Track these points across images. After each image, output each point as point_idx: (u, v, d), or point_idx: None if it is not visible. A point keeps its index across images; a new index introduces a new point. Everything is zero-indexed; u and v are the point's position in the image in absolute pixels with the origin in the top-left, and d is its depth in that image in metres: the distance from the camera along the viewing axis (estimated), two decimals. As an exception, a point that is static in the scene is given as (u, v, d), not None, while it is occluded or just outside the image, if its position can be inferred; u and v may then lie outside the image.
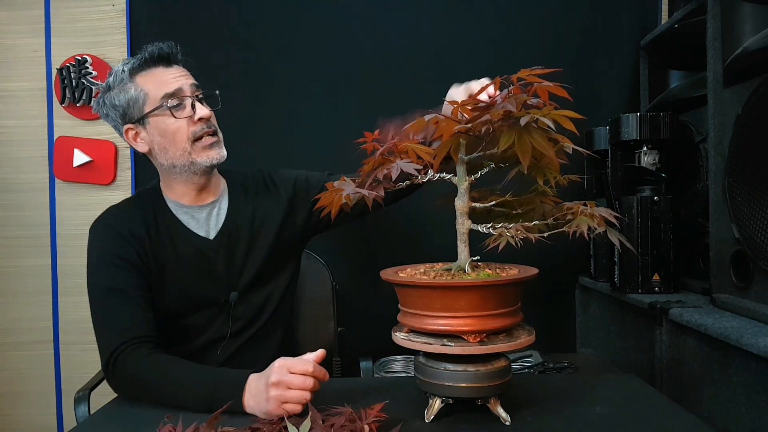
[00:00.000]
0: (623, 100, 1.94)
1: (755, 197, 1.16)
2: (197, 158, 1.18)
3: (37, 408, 2.05)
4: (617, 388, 1.03)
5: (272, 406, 0.89)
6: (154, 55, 1.17)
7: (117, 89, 1.17)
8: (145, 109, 1.17)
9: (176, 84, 1.17)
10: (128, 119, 1.19)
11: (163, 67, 1.18)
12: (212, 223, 1.25)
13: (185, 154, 1.18)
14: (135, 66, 1.17)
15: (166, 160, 1.20)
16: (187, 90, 1.18)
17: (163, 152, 1.19)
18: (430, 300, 0.82)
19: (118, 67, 1.19)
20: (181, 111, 1.17)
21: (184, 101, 1.17)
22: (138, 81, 1.17)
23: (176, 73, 1.19)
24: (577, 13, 1.95)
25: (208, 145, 1.19)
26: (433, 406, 0.87)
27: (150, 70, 1.17)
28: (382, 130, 0.93)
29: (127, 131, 1.20)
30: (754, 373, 1.02)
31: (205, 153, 1.19)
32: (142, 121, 1.18)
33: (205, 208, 1.25)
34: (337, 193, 0.85)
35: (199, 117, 1.17)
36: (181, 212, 1.23)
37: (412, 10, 1.97)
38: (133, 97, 1.17)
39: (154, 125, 1.18)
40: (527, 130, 0.74)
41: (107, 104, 1.19)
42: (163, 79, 1.17)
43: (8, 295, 2.04)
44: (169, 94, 1.16)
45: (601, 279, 1.77)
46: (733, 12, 1.26)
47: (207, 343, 1.21)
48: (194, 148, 1.18)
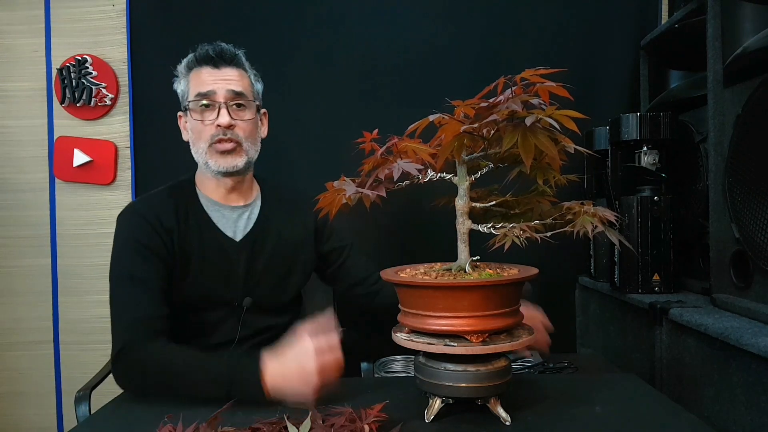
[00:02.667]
0: (623, 100, 1.95)
1: (755, 197, 1.16)
2: (209, 160, 1.22)
3: (37, 408, 2.05)
4: (617, 388, 1.03)
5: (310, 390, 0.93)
6: (205, 55, 1.22)
7: (179, 78, 1.27)
8: (186, 103, 1.24)
9: (210, 86, 1.20)
10: (182, 107, 1.28)
11: (211, 68, 1.22)
12: (241, 225, 1.28)
13: (203, 153, 1.22)
14: (190, 61, 1.24)
15: (195, 153, 1.25)
16: (220, 94, 1.21)
17: (193, 145, 1.25)
18: (432, 300, 0.82)
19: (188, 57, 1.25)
20: (208, 113, 1.21)
21: (214, 105, 1.21)
22: (190, 76, 1.24)
23: (219, 76, 1.22)
24: (577, 13, 1.95)
25: (220, 152, 1.21)
26: (433, 406, 0.87)
27: (199, 68, 1.22)
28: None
29: (180, 117, 1.30)
30: (754, 373, 1.03)
31: (215, 158, 1.21)
32: (186, 111, 1.25)
33: (236, 210, 1.28)
34: (337, 193, 0.84)
35: (217, 123, 1.20)
36: (212, 209, 1.26)
37: (413, 11, 1.97)
38: (183, 89, 1.26)
39: (190, 120, 1.24)
40: (531, 130, 0.74)
41: (173, 88, 1.29)
42: (202, 79, 1.21)
43: (8, 295, 2.04)
44: (201, 94, 1.20)
45: (601, 279, 1.77)
46: (733, 12, 1.26)
47: (215, 345, 1.22)
48: (209, 151, 1.22)
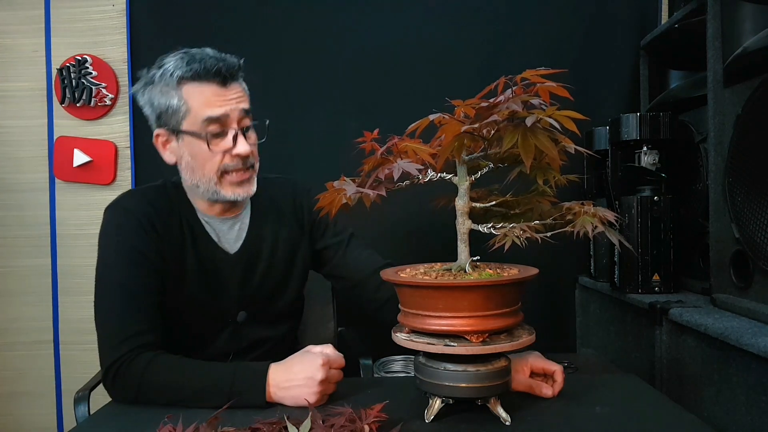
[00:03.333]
0: (623, 100, 1.95)
1: (755, 197, 1.16)
2: (221, 190, 1.10)
3: (37, 408, 2.05)
4: (617, 388, 1.03)
5: (316, 399, 0.94)
6: (210, 70, 1.04)
7: (159, 89, 1.07)
8: (182, 124, 1.07)
9: (223, 109, 1.06)
10: (162, 124, 1.09)
11: (217, 86, 1.06)
12: (232, 236, 1.19)
13: (211, 182, 1.10)
14: (186, 75, 1.04)
15: (191, 179, 1.12)
16: (234, 118, 1.07)
17: (190, 171, 1.11)
18: (432, 300, 0.82)
19: (169, 64, 1.06)
20: (220, 141, 1.07)
21: (226, 130, 1.07)
22: (184, 91, 1.05)
23: (228, 96, 1.07)
24: (577, 13, 1.95)
25: (237, 182, 1.11)
26: (433, 406, 0.87)
27: (201, 84, 1.05)
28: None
29: (157, 136, 1.11)
30: (754, 373, 1.03)
31: (231, 189, 1.11)
32: (176, 133, 1.08)
33: (227, 221, 1.19)
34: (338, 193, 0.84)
35: (236, 153, 1.08)
36: (206, 220, 1.17)
37: (413, 12, 1.97)
38: (174, 106, 1.06)
39: (188, 142, 1.08)
40: (531, 130, 0.74)
41: (146, 96, 1.09)
42: (210, 100, 1.05)
43: (8, 295, 2.04)
44: (212, 119, 1.05)
45: (601, 279, 1.77)
46: (733, 12, 1.26)
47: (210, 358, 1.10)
48: (221, 181, 1.10)
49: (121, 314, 1.04)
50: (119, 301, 1.04)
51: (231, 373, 0.97)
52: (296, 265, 1.26)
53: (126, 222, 1.09)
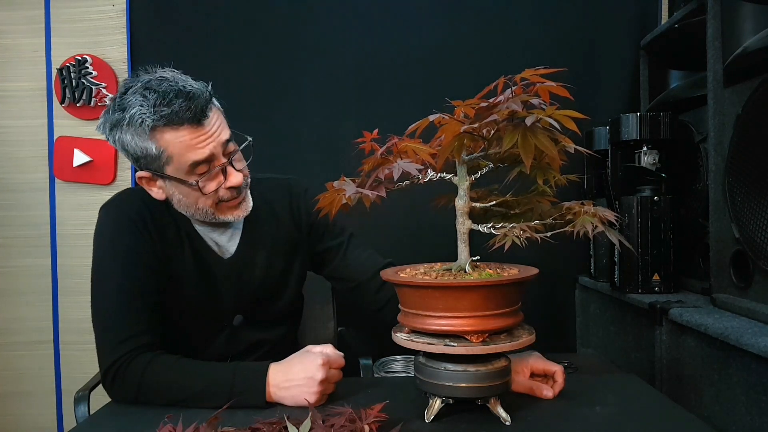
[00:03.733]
0: (623, 100, 1.95)
1: (755, 197, 1.16)
2: (220, 215, 1.08)
3: (37, 408, 2.05)
4: (617, 388, 1.03)
5: (315, 398, 0.94)
6: (182, 116, 0.97)
7: (131, 134, 0.99)
8: (166, 170, 1.02)
9: (208, 150, 1.00)
10: (142, 167, 1.04)
11: (193, 127, 0.98)
12: (226, 241, 1.17)
13: (208, 213, 1.07)
14: (158, 123, 0.97)
15: (186, 212, 1.09)
16: (218, 153, 1.02)
17: (184, 207, 1.08)
18: (432, 300, 0.82)
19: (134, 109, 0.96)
20: (210, 181, 1.03)
21: (214, 167, 1.03)
22: (158, 138, 0.98)
23: (207, 133, 1.00)
24: (577, 13, 1.95)
25: (235, 205, 1.09)
26: (433, 406, 0.87)
27: (176, 129, 0.98)
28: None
29: (141, 178, 1.06)
30: (754, 373, 1.03)
31: (231, 212, 1.09)
32: (160, 175, 1.03)
33: (218, 229, 1.16)
34: (337, 193, 0.84)
35: (230, 186, 1.04)
36: (198, 225, 1.14)
37: (413, 12, 1.97)
38: (152, 153, 0.99)
39: (176, 185, 1.04)
40: (531, 130, 0.74)
41: (116, 141, 1.02)
42: (191, 144, 0.99)
43: (8, 295, 2.04)
44: (198, 163, 1.00)
45: (601, 279, 1.77)
46: (733, 12, 1.26)
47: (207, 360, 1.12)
48: (218, 208, 1.07)
49: (118, 315, 1.03)
50: (116, 301, 1.04)
51: (231, 373, 0.97)
52: (294, 267, 1.24)
53: (121, 222, 1.08)
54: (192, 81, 1.02)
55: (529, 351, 1.04)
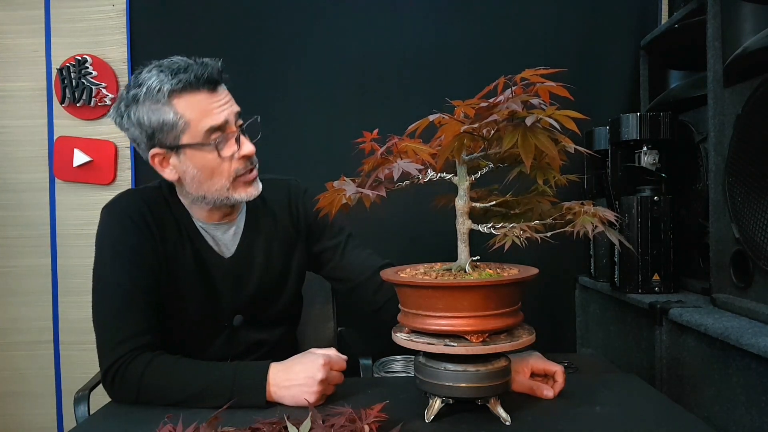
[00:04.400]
0: (623, 100, 1.95)
1: (755, 197, 1.16)
2: (234, 194, 1.09)
3: (37, 408, 2.05)
4: (617, 388, 1.03)
5: (315, 398, 0.94)
6: (201, 78, 1.02)
7: (147, 106, 1.02)
8: (182, 138, 1.03)
9: (223, 116, 1.04)
10: (157, 143, 1.05)
11: (208, 92, 1.03)
12: (228, 241, 1.18)
13: (222, 189, 1.08)
14: (176, 88, 1.01)
15: (197, 192, 1.09)
16: (232, 122, 1.06)
17: (197, 185, 1.08)
18: (432, 300, 0.82)
19: (151, 80, 1.02)
20: (226, 147, 1.05)
21: (228, 135, 1.06)
22: (176, 104, 1.01)
23: (222, 101, 1.05)
24: (577, 13, 1.95)
25: (249, 182, 1.10)
26: (433, 406, 0.87)
27: (193, 94, 1.02)
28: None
29: (154, 156, 1.07)
30: (754, 373, 1.03)
31: (244, 189, 1.10)
32: (175, 149, 1.05)
33: (222, 227, 1.17)
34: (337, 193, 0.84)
35: (244, 154, 1.07)
36: (199, 224, 1.16)
37: (412, 12, 1.97)
38: (169, 122, 1.02)
39: (191, 157, 1.05)
40: (531, 130, 0.74)
41: (131, 118, 1.04)
42: (207, 109, 1.03)
43: (8, 295, 2.04)
44: (215, 128, 1.03)
45: (601, 279, 1.77)
46: (733, 12, 1.26)
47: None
48: (234, 185, 1.08)
49: (119, 315, 1.03)
50: (117, 301, 1.04)
51: (231, 372, 0.97)
52: (292, 268, 1.24)
53: (122, 222, 1.09)
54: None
55: (529, 351, 1.04)
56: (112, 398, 1.03)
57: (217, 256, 1.16)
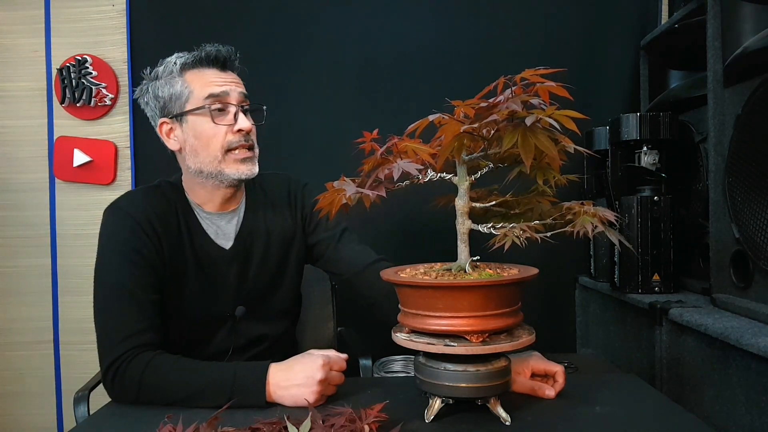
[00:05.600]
0: (623, 100, 1.95)
1: (755, 197, 1.16)
2: (226, 169, 1.14)
3: (37, 408, 2.05)
4: (617, 388, 1.03)
5: (314, 398, 0.95)
6: (210, 56, 1.14)
7: (164, 80, 1.14)
8: (186, 106, 1.13)
9: (223, 88, 1.13)
10: (166, 113, 1.15)
11: (217, 70, 1.15)
12: (229, 231, 1.21)
13: (215, 161, 1.13)
14: (188, 62, 1.13)
15: (195, 164, 1.15)
16: (233, 97, 1.14)
17: (194, 155, 1.14)
18: (432, 300, 0.82)
19: (171, 58, 1.15)
20: (222, 117, 1.13)
21: (227, 108, 1.13)
22: (187, 77, 1.13)
23: (227, 78, 1.15)
24: (577, 13, 1.95)
25: (241, 159, 1.14)
26: (433, 406, 0.87)
27: (202, 70, 1.14)
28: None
29: (162, 125, 1.16)
30: (754, 373, 1.03)
31: (236, 166, 1.14)
32: (180, 117, 1.14)
33: (224, 216, 1.21)
34: (338, 193, 0.84)
35: (238, 128, 1.12)
36: (202, 215, 1.19)
37: (412, 12, 1.97)
38: (177, 92, 1.13)
39: (191, 125, 1.13)
40: (531, 130, 0.74)
41: (150, 93, 1.16)
42: (211, 80, 1.13)
43: (8, 295, 2.04)
44: (213, 95, 1.12)
45: (601, 279, 1.77)
46: (733, 12, 1.26)
47: (209, 357, 1.14)
48: (225, 158, 1.13)
49: (120, 314, 1.04)
50: (118, 300, 1.05)
51: (231, 372, 0.98)
52: (291, 258, 1.27)
53: (124, 223, 1.11)
54: None
55: (529, 351, 1.04)
56: (111, 397, 1.03)
57: (219, 248, 1.18)
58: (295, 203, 1.28)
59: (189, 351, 1.07)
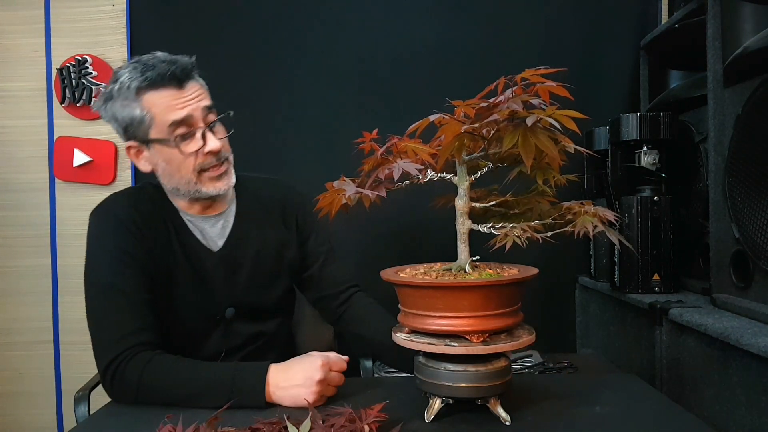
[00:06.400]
0: (623, 100, 1.95)
1: (755, 197, 1.16)
2: (203, 188, 1.12)
3: (37, 408, 2.05)
4: (617, 388, 1.03)
5: (314, 398, 0.95)
6: (165, 76, 1.05)
7: (120, 102, 1.07)
8: (150, 133, 1.08)
9: (185, 111, 1.07)
10: (130, 136, 1.11)
11: (175, 89, 1.07)
12: (216, 234, 1.20)
13: (190, 183, 1.11)
14: (143, 85, 1.05)
15: (170, 184, 1.14)
16: (198, 117, 1.09)
17: (167, 176, 1.13)
18: (432, 300, 0.82)
19: (123, 76, 1.06)
20: (190, 142, 1.09)
21: (193, 130, 1.09)
22: (144, 100, 1.06)
23: (188, 96, 1.08)
24: (577, 13, 1.95)
25: (216, 176, 1.12)
26: (433, 406, 0.87)
27: (159, 91, 1.06)
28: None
29: (129, 148, 1.13)
30: (754, 373, 1.03)
31: (212, 183, 1.12)
32: (146, 142, 1.10)
33: (209, 220, 1.19)
34: (338, 193, 0.84)
35: (208, 150, 1.09)
36: (187, 219, 1.18)
37: (412, 12, 1.97)
38: (138, 117, 1.07)
39: (159, 151, 1.09)
40: (532, 130, 0.74)
41: (108, 113, 1.10)
42: (171, 104, 1.06)
43: (8, 295, 2.04)
44: (177, 122, 1.06)
45: (601, 279, 1.77)
46: (733, 12, 1.26)
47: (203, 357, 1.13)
48: (200, 178, 1.11)
49: (114, 314, 1.04)
50: (111, 301, 1.05)
51: (231, 373, 0.98)
52: (284, 263, 1.26)
53: (110, 225, 1.11)
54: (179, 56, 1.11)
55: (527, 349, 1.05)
56: (111, 396, 1.03)
57: (206, 250, 1.17)
58: (291, 210, 1.28)
59: (184, 353, 1.06)
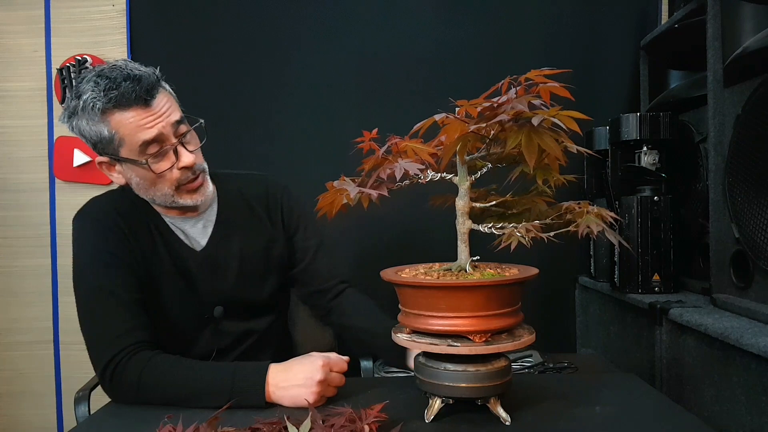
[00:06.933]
0: (623, 100, 1.95)
1: (755, 197, 1.16)
2: (180, 199, 1.11)
3: (37, 408, 2.05)
4: (617, 388, 1.03)
5: (314, 399, 0.94)
6: (129, 97, 1.01)
7: (85, 120, 1.04)
8: (120, 152, 1.06)
9: (155, 130, 1.04)
10: (100, 152, 1.08)
11: (141, 108, 1.03)
12: (199, 233, 1.19)
13: (167, 196, 1.10)
14: (107, 106, 1.01)
15: (147, 196, 1.13)
16: (168, 133, 1.06)
17: (143, 190, 1.11)
18: (435, 300, 0.82)
19: (86, 95, 1.02)
20: (162, 160, 1.07)
21: (166, 147, 1.06)
22: (111, 120, 1.03)
23: (157, 113, 1.04)
24: (577, 13, 1.95)
25: (194, 189, 1.12)
26: (433, 406, 0.87)
27: (125, 112, 1.02)
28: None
29: (101, 164, 1.11)
30: (754, 373, 1.03)
31: (189, 195, 1.12)
32: (117, 160, 1.08)
33: (188, 221, 1.18)
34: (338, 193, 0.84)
35: (182, 166, 1.08)
36: (168, 220, 1.17)
37: (413, 12, 1.97)
38: (107, 137, 1.04)
39: (131, 168, 1.08)
40: (537, 130, 0.74)
41: (75, 129, 1.07)
42: (140, 124, 1.03)
43: (8, 295, 2.04)
44: (148, 141, 1.04)
45: (601, 279, 1.77)
46: (733, 12, 1.26)
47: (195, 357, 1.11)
48: (177, 191, 1.10)
49: (106, 315, 1.04)
50: (101, 303, 1.04)
51: (231, 373, 0.97)
52: (272, 260, 1.25)
53: (94, 227, 1.11)
54: (141, 66, 1.07)
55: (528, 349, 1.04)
56: (110, 396, 1.03)
57: (189, 249, 1.17)
58: (275, 206, 1.27)
59: (174, 352, 1.05)
